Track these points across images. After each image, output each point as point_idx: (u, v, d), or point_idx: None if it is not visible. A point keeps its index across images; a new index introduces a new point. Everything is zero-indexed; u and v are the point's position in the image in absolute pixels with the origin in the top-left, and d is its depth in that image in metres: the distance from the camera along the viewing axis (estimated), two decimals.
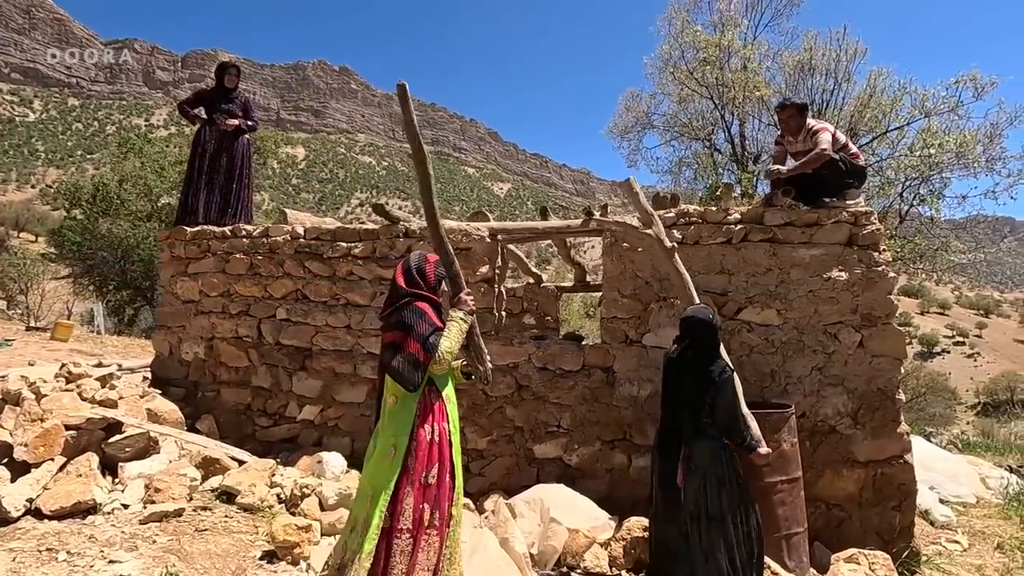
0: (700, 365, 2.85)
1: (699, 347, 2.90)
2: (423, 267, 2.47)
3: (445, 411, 2.37)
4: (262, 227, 4.71)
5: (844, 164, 3.74)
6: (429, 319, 2.33)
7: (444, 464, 2.30)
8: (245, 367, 4.67)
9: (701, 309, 3.03)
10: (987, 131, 8.19)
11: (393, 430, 2.29)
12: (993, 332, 56.19)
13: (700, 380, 2.81)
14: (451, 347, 2.31)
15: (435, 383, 2.36)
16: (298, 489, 3.62)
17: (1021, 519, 4.69)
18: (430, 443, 2.28)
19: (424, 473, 2.26)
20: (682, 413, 2.86)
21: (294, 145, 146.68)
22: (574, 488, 3.85)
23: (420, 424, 2.29)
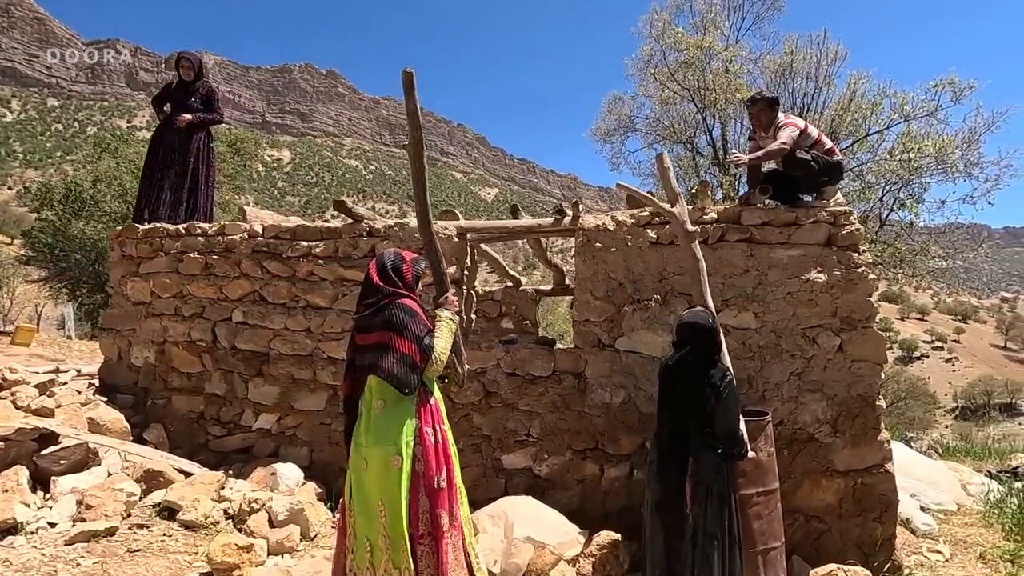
0: (700, 371, 2.70)
1: (698, 352, 2.76)
2: (400, 266, 2.34)
3: (440, 410, 2.31)
4: (218, 225, 4.47)
5: (816, 162, 3.61)
6: (421, 319, 2.24)
7: (450, 465, 2.26)
8: (198, 373, 4.41)
9: (698, 313, 2.87)
10: (965, 136, 8.20)
11: (392, 436, 2.15)
12: (970, 337, 57.24)
13: (700, 387, 2.67)
14: (445, 348, 2.27)
15: (427, 383, 2.29)
16: (246, 504, 3.38)
17: (1003, 527, 4.59)
18: (435, 446, 2.22)
19: (436, 477, 2.20)
20: (686, 424, 2.69)
21: (280, 148, 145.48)
22: (543, 500, 3.66)
23: (422, 427, 2.20)
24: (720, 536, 2.61)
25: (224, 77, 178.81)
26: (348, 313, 4.15)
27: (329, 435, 4.13)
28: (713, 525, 2.61)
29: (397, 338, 2.17)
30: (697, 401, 2.66)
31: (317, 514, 3.52)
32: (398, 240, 4.12)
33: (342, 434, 4.09)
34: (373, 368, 2.17)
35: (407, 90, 2.39)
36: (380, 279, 2.30)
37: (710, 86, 9.28)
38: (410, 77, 2.38)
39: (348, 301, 4.16)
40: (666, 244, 3.74)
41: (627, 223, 3.80)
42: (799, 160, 3.64)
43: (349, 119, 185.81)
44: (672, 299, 3.67)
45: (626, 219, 3.81)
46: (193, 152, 4.80)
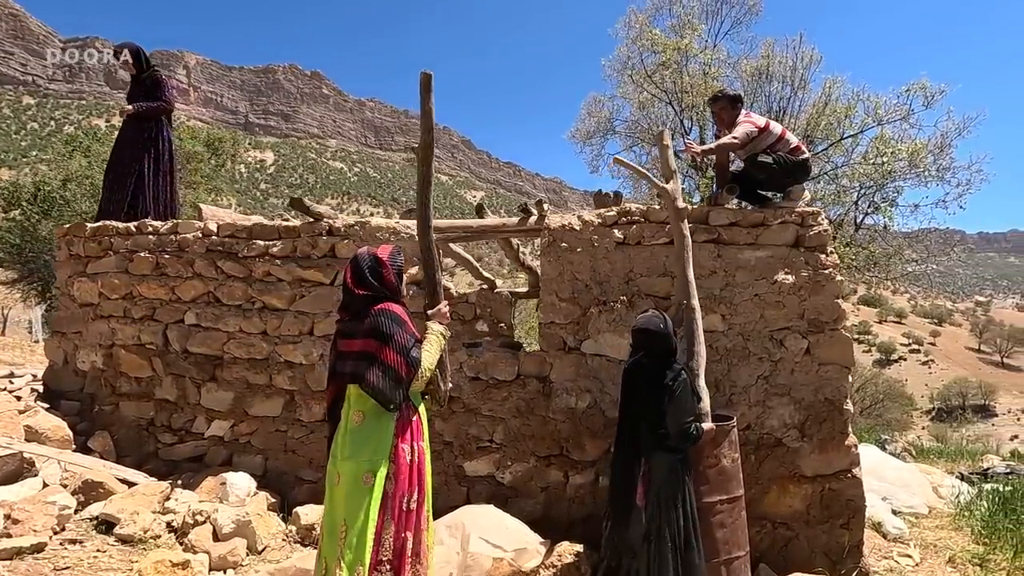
0: (654, 373, 2.70)
1: (653, 356, 2.75)
2: (377, 268, 2.17)
3: (421, 427, 2.18)
4: (170, 223, 4.27)
5: (778, 163, 3.55)
6: (409, 328, 2.11)
7: (422, 487, 2.13)
8: (148, 378, 4.20)
9: (651, 319, 2.82)
10: (937, 141, 8.29)
11: (367, 452, 2.02)
12: (946, 340, 58.42)
13: (654, 388, 2.67)
14: (433, 364, 2.16)
15: (412, 398, 2.17)
16: (190, 516, 3.20)
17: (972, 530, 4.57)
18: (410, 464, 2.08)
19: (405, 498, 2.06)
20: (640, 425, 2.70)
21: (263, 149, 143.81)
22: (506, 509, 3.52)
23: (398, 444, 2.06)
24: (672, 539, 2.57)
25: (207, 77, 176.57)
26: (306, 315, 4.00)
27: (285, 442, 3.96)
28: (665, 527, 2.58)
29: (383, 348, 2.05)
30: (650, 402, 2.66)
31: (267, 526, 3.35)
32: (359, 239, 3.97)
33: (298, 441, 3.96)
34: (356, 378, 2.06)
35: (424, 91, 2.36)
36: (358, 285, 2.16)
37: (687, 89, 9.28)
38: (428, 79, 2.36)
39: (307, 303, 4.00)
40: (633, 245, 3.65)
41: (593, 223, 3.70)
42: (760, 163, 3.58)
43: (334, 121, 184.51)
44: (639, 301, 3.57)
45: (592, 219, 3.72)
46: (139, 146, 4.59)
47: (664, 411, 2.61)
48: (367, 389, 2.03)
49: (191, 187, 13.78)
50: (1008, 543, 4.06)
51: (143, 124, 4.64)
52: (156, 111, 4.64)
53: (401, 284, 2.25)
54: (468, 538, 3.00)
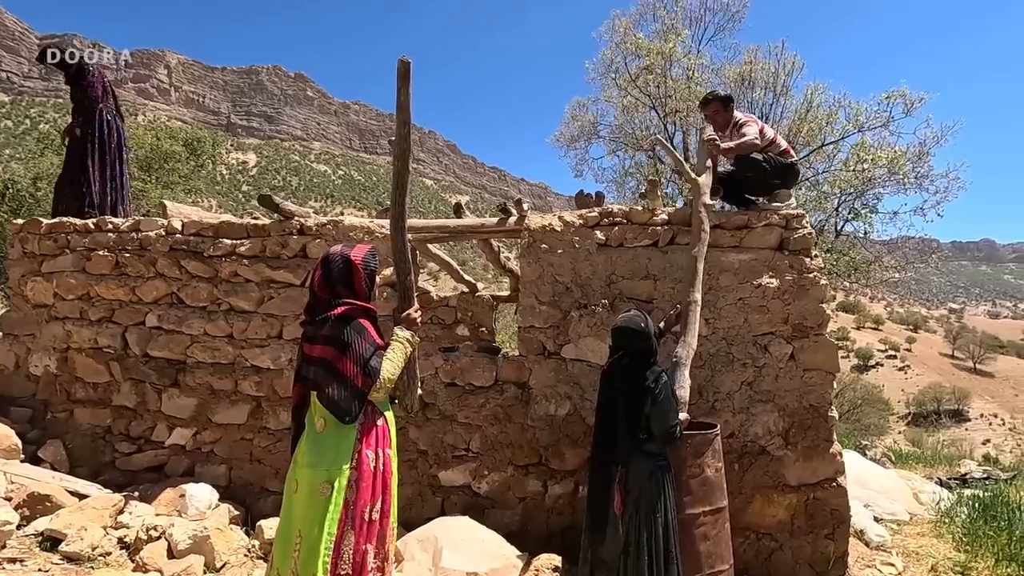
0: (634, 374, 2.60)
1: (632, 356, 2.65)
2: (347, 270, 2.04)
3: (388, 433, 2.07)
4: (132, 220, 4.06)
5: (769, 163, 3.51)
6: (369, 336, 2.00)
7: (387, 496, 2.01)
8: (106, 383, 3.98)
9: (632, 318, 2.72)
10: (916, 149, 8.38)
11: (327, 460, 1.90)
12: (921, 346, 59.62)
13: (634, 390, 2.56)
14: (395, 373, 2.04)
15: (376, 402, 2.06)
16: (144, 531, 3.00)
17: (953, 537, 4.55)
18: (374, 472, 1.96)
19: (368, 508, 1.93)
20: (618, 429, 2.59)
21: (245, 151, 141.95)
22: (483, 520, 3.38)
23: (362, 449, 1.96)
24: (651, 552, 2.44)
25: (188, 77, 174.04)
26: (275, 318, 3.82)
27: (251, 451, 3.77)
28: (644, 539, 2.45)
29: (340, 357, 1.94)
30: (629, 405, 2.55)
31: (228, 541, 3.16)
32: (331, 239, 3.80)
33: (264, 450, 3.77)
34: (316, 387, 1.98)
35: (401, 81, 2.19)
36: (324, 287, 2.04)
37: (671, 93, 9.27)
38: (406, 67, 2.19)
39: (275, 305, 3.82)
40: (615, 247, 3.55)
41: (575, 224, 3.59)
42: (751, 160, 3.53)
43: (318, 123, 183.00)
44: (620, 304, 3.46)
45: (573, 220, 3.61)
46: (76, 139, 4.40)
47: (645, 414, 2.50)
48: (323, 402, 1.95)
49: (168, 187, 13.45)
50: (989, 551, 4.03)
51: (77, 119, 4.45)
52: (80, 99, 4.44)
53: (373, 288, 2.14)
54: (440, 553, 2.85)
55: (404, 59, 2.19)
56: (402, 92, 2.22)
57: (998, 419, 41.20)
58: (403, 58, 2.18)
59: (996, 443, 33.77)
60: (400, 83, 2.21)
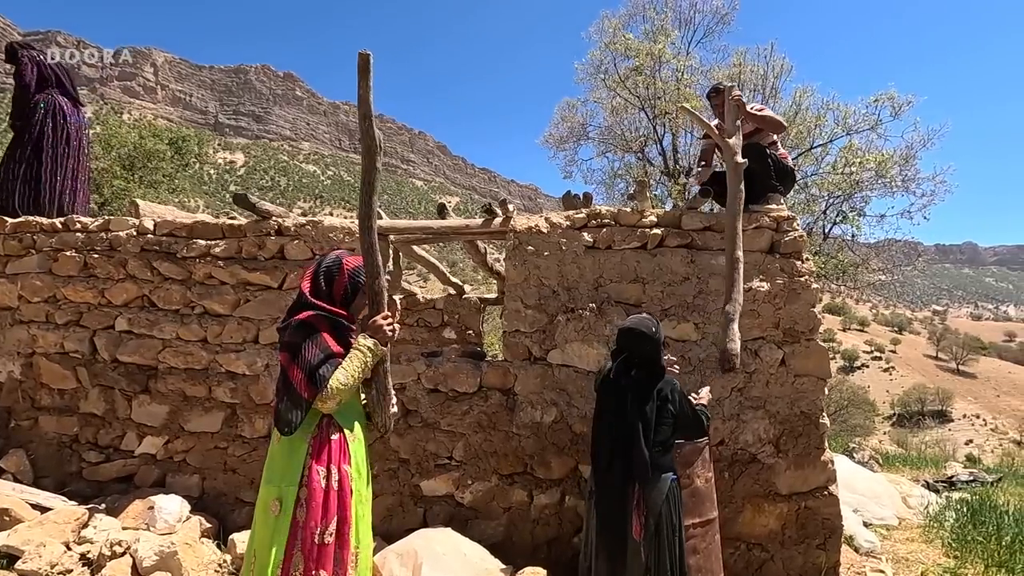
0: (646, 385, 2.46)
1: (642, 363, 2.49)
2: (333, 272, 1.96)
3: (347, 449, 1.89)
4: (102, 220, 3.90)
5: (774, 162, 3.43)
6: (322, 342, 1.86)
7: (345, 517, 1.83)
8: (72, 390, 3.81)
9: (642, 319, 2.59)
10: (903, 152, 8.40)
11: (278, 476, 1.83)
12: (906, 348, 60.38)
13: (649, 402, 2.42)
14: (347, 382, 1.84)
15: (335, 413, 1.90)
16: (108, 547, 2.85)
17: (942, 542, 4.51)
18: (326, 490, 1.81)
19: (318, 529, 1.78)
20: (632, 445, 2.39)
21: (233, 151, 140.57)
22: (466, 531, 3.26)
23: (313, 465, 1.82)
24: (671, 570, 2.35)
25: (175, 76, 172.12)
26: (251, 321, 3.68)
27: (225, 460, 3.62)
28: (663, 559, 2.33)
29: (291, 364, 1.84)
30: (646, 418, 2.39)
31: (198, 556, 3.01)
32: (310, 240, 3.68)
33: (239, 459, 3.63)
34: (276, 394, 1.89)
35: (361, 75, 2.14)
36: (309, 287, 1.95)
37: (660, 95, 9.23)
38: (366, 60, 2.13)
39: (252, 308, 3.68)
40: (603, 249, 3.45)
41: (561, 225, 3.49)
42: (760, 151, 3.43)
43: (307, 123, 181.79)
44: (608, 308, 3.37)
45: (560, 221, 3.51)
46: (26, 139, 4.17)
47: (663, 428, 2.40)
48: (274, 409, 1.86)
49: (152, 187, 13.19)
50: (979, 556, 4.00)
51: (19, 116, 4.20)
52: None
53: (352, 301, 2.01)
54: (420, 569, 2.73)
55: (364, 52, 2.16)
56: (362, 85, 2.16)
57: (980, 419, 41.80)
58: (363, 52, 2.15)
59: (979, 443, 34.27)
60: (360, 77, 2.16)
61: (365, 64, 2.13)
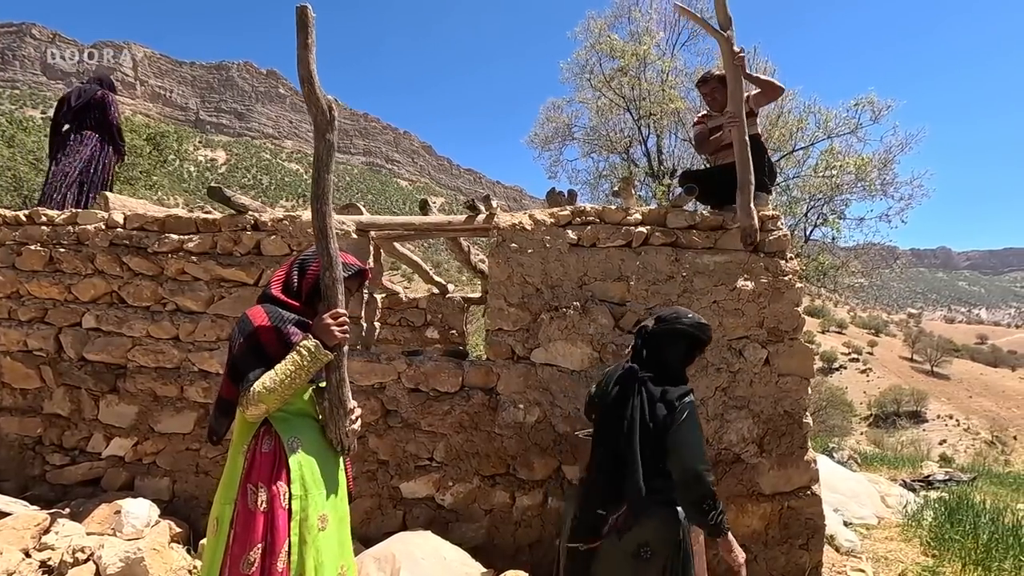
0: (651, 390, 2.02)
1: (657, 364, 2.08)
2: (307, 264, 1.80)
3: (284, 465, 1.62)
4: (68, 213, 3.75)
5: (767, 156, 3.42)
6: (258, 337, 1.64)
7: (275, 544, 1.55)
8: (36, 389, 3.66)
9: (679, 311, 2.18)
10: (882, 156, 8.52)
11: (220, 491, 1.66)
12: (882, 350, 61.58)
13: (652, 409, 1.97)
14: (272, 387, 1.59)
15: (274, 422, 1.65)
16: (70, 553, 2.72)
17: (921, 541, 4.56)
18: (253, 512, 1.57)
19: (243, 556, 1.54)
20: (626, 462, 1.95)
21: (214, 148, 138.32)
22: (447, 534, 3.20)
23: (244, 482, 1.60)
24: None
25: (155, 71, 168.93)
26: (225, 319, 3.57)
27: (197, 463, 3.50)
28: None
29: (227, 362, 1.68)
30: (647, 430, 1.94)
31: (166, 562, 2.90)
32: (287, 235, 3.58)
33: (212, 461, 3.51)
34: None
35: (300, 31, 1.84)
36: (280, 279, 1.81)
37: (645, 96, 9.25)
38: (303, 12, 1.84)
39: (226, 305, 3.57)
40: (587, 247, 3.41)
41: (545, 222, 3.44)
42: (756, 144, 3.41)
43: (290, 121, 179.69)
44: (592, 307, 3.33)
45: (544, 218, 3.46)
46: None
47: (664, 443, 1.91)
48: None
49: (128, 183, 12.87)
50: (956, 554, 4.04)
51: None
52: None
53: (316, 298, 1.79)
54: (398, 573, 2.65)
55: (301, 6, 1.85)
56: (301, 43, 1.85)
57: (953, 420, 42.78)
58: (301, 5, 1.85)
59: (952, 443, 35.08)
60: (299, 33, 1.86)
61: (303, 19, 1.85)
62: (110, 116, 4.64)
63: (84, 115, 4.57)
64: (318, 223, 1.77)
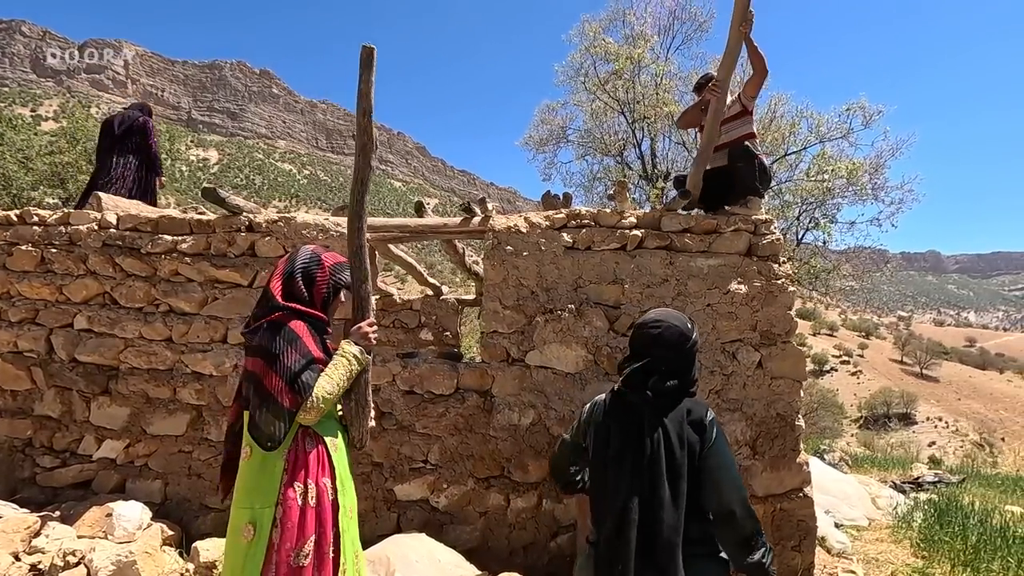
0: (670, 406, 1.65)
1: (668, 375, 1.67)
2: (312, 271, 1.82)
3: (327, 461, 1.76)
4: (60, 213, 3.72)
5: (760, 160, 3.46)
6: (303, 347, 1.73)
7: (324, 534, 1.69)
8: (26, 391, 3.62)
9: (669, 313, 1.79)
10: (873, 160, 8.62)
11: (250, 497, 1.69)
12: (873, 352, 62.10)
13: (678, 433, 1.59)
14: (332, 391, 1.74)
15: (313, 425, 1.77)
16: (61, 557, 2.69)
17: (911, 542, 4.60)
18: (303, 508, 1.67)
19: (295, 551, 1.65)
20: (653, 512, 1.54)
21: (207, 148, 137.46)
22: (441, 536, 3.19)
23: (288, 483, 1.68)
24: None
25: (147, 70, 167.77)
26: (219, 320, 3.55)
27: (189, 465, 3.48)
28: None
29: (268, 371, 1.68)
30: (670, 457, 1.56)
31: (158, 565, 2.87)
32: (282, 236, 3.57)
33: (204, 463, 3.49)
34: (248, 405, 1.74)
35: (364, 67, 2.08)
36: (280, 289, 1.80)
37: (639, 99, 9.30)
38: (370, 53, 2.08)
39: (220, 306, 3.55)
40: (582, 250, 3.43)
41: (541, 225, 3.46)
42: (747, 153, 3.44)
43: (283, 121, 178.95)
44: (587, 309, 3.35)
45: (540, 221, 3.47)
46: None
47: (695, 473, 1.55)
48: (249, 424, 1.71)
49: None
50: (946, 556, 4.08)
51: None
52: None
53: (331, 302, 1.89)
54: (392, 574, 2.65)
55: (367, 46, 2.09)
56: (363, 79, 2.06)
57: (942, 422, 43.20)
58: (366, 45, 2.09)
59: (941, 445, 35.42)
60: (362, 70, 2.06)
61: (368, 58, 2.06)
62: (150, 140, 4.96)
63: (126, 139, 4.85)
64: (357, 241, 1.94)
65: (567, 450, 1.93)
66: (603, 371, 3.31)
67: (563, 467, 1.95)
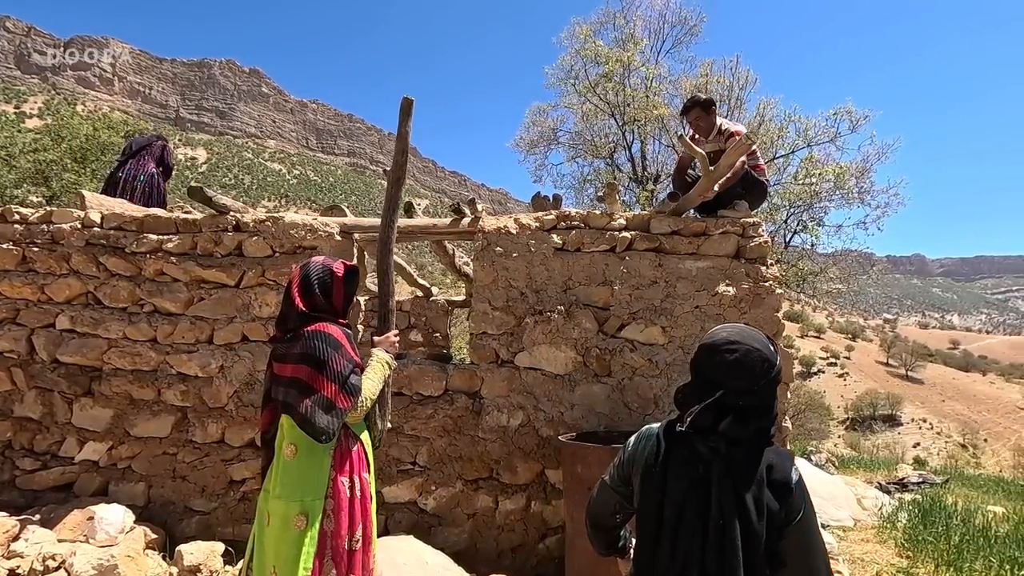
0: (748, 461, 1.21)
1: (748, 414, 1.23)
2: (328, 282, 1.95)
3: (365, 457, 1.99)
4: (43, 211, 3.66)
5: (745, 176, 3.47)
6: (346, 353, 1.90)
7: (367, 522, 1.94)
8: (6, 392, 3.55)
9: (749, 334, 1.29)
10: (859, 164, 8.72)
11: (300, 490, 1.82)
12: (859, 354, 62.85)
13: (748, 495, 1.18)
14: (374, 393, 1.98)
15: (351, 427, 1.97)
16: (40, 561, 2.64)
17: (896, 542, 4.65)
18: (351, 499, 1.88)
19: (348, 537, 1.86)
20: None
21: (195, 147, 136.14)
22: (429, 539, 3.18)
23: (337, 476, 1.87)
24: None
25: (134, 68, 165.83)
26: (205, 321, 3.51)
27: (174, 467, 3.43)
28: None
29: (316, 376, 1.82)
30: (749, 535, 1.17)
31: (141, 569, 2.83)
32: (270, 236, 3.53)
33: (189, 466, 3.45)
34: (288, 408, 1.83)
35: (403, 115, 2.45)
36: (303, 299, 1.92)
37: (630, 102, 9.35)
38: (409, 104, 2.44)
39: (206, 307, 3.51)
40: (572, 251, 3.43)
41: (531, 226, 3.46)
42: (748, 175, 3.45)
43: (273, 121, 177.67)
44: (576, 311, 3.35)
45: (530, 222, 3.47)
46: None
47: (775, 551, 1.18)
48: (298, 421, 1.79)
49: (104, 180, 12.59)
50: (929, 556, 4.13)
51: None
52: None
53: (349, 306, 2.06)
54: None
55: (408, 97, 2.42)
56: (403, 125, 2.42)
57: (927, 423, 43.81)
58: (407, 96, 2.42)
59: (925, 446, 35.93)
60: (402, 117, 2.43)
61: (408, 107, 2.42)
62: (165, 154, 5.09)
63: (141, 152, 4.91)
64: (386, 260, 2.30)
65: (608, 497, 1.43)
66: (592, 372, 3.32)
67: (604, 515, 1.47)
